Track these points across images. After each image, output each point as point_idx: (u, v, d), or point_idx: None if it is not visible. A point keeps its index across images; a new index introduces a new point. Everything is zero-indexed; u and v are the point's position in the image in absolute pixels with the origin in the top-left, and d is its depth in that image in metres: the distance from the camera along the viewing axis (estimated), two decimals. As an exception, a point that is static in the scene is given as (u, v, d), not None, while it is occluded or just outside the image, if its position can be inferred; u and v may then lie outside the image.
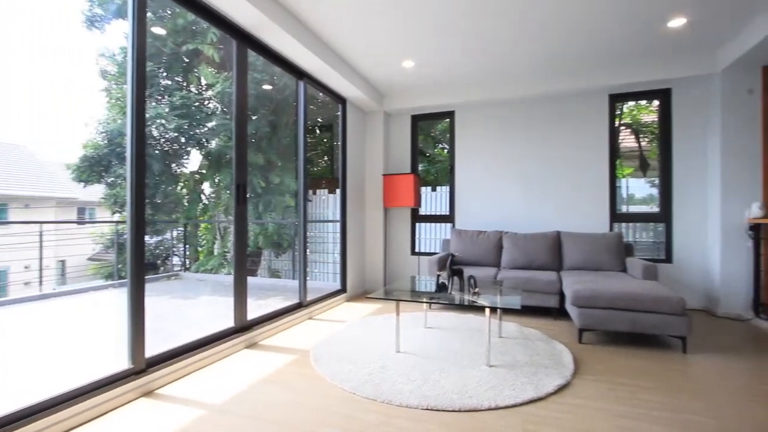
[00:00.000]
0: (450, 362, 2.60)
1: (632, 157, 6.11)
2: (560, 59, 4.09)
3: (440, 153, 6.82)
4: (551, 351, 2.82)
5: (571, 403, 2.08)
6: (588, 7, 3.08)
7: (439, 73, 4.47)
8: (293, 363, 2.67)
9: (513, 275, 3.88)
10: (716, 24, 3.36)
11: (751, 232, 3.78)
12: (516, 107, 4.91)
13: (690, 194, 4.27)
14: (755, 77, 3.81)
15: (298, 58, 3.59)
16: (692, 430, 1.82)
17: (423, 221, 5.50)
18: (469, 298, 2.75)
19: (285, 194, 7.30)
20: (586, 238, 4.16)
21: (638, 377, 2.42)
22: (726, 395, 2.19)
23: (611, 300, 2.96)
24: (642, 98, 4.67)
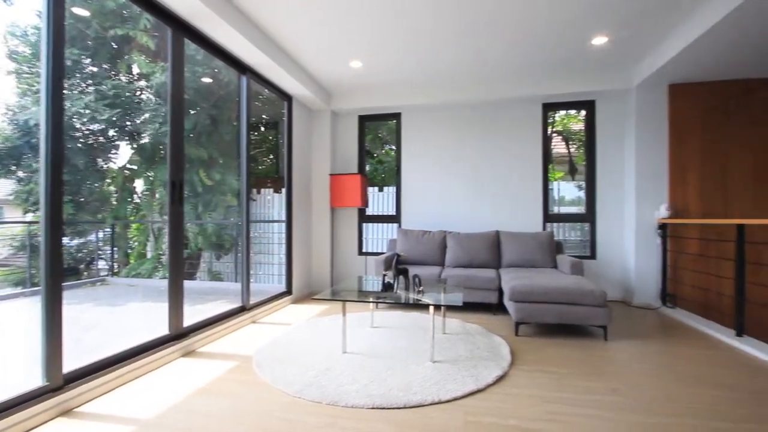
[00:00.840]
0: (396, 360, 2.64)
1: (563, 162, 6.64)
2: (499, 69, 4.32)
3: (388, 154, 6.91)
4: (491, 344, 2.97)
5: (508, 393, 2.21)
6: (522, 22, 3.29)
7: (386, 74, 4.53)
8: (234, 370, 2.56)
9: (456, 273, 4.03)
10: (632, 44, 3.74)
11: (660, 230, 4.26)
12: (459, 111, 5.10)
13: (611, 197, 4.71)
14: (663, 94, 4.30)
15: (241, 52, 3.45)
16: (611, 409, 2.01)
17: (370, 221, 5.53)
18: (414, 297, 2.82)
19: (227, 193, 6.97)
20: (521, 237, 4.43)
21: (566, 364, 2.63)
22: (640, 376, 2.45)
23: (544, 294, 3.19)
24: (571, 108, 5.08)
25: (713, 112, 4.20)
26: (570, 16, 3.23)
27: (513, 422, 1.89)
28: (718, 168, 4.19)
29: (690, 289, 4.15)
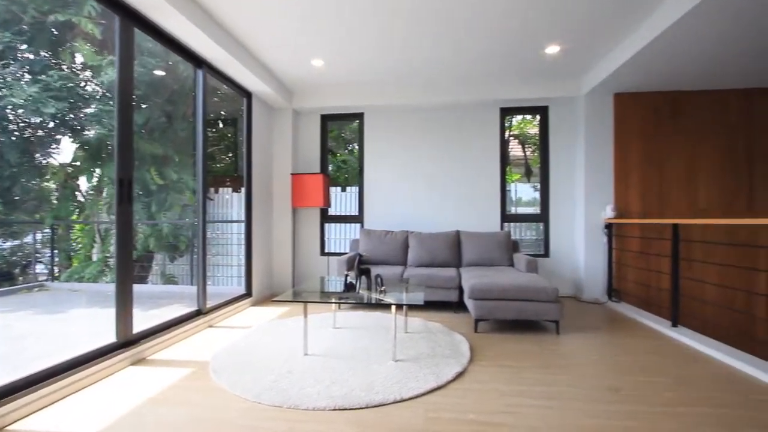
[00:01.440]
0: (358, 360, 2.65)
1: (519, 164, 6.93)
2: (458, 73, 4.44)
3: (352, 154, 6.89)
4: (451, 342, 3.04)
5: (467, 388, 2.28)
6: (480, 30, 3.40)
7: (348, 74, 4.52)
8: (189, 377, 2.45)
9: (418, 273, 4.10)
10: (581, 55, 3.97)
11: (606, 230, 4.56)
12: (421, 113, 5.19)
13: (563, 198, 4.97)
14: (609, 102, 4.60)
15: (196, 45, 3.32)
16: (562, 399, 2.13)
17: (332, 221, 5.50)
18: (376, 297, 2.84)
19: (183, 191, 6.66)
20: (481, 236, 4.57)
21: (521, 359, 2.74)
22: (587, 367, 2.61)
23: (501, 292, 3.31)
24: (527, 113, 5.31)
25: (651, 120, 4.55)
26: (525, 26, 3.37)
27: (472, 416, 1.95)
28: (655, 172, 4.54)
29: (633, 284, 4.47)
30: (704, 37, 3.21)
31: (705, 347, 2.89)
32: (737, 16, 2.89)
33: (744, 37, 3.22)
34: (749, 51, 3.49)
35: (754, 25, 3.03)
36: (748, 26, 3.04)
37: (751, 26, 3.04)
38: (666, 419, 1.92)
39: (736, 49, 3.44)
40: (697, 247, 4.30)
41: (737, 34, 3.17)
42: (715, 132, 4.47)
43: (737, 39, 3.25)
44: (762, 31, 3.11)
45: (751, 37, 3.23)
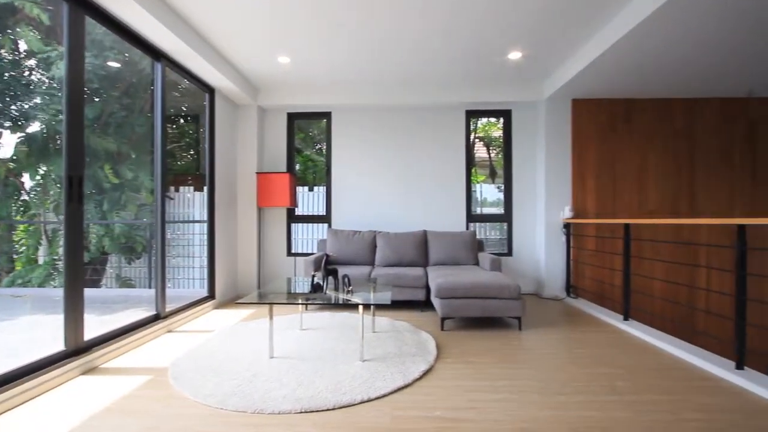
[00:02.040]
0: (325, 361, 2.63)
1: (484, 166, 7.12)
2: (426, 76, 4.50)
3: (320, 153, 6.82)
4: (418, 340, 3.08)
5: (433, 385, 2.32)
6: (446, 34, 3.47)
7: (315, 73, 4.47)
8: (147, 385, 2.34)
9: (385, 272, 4.12)
10: (542, 61, 4.14)
11: (564, 229, 4.77)
12: (389, 114, 5.22)
13: (525, 198, 5.16)
14: (567, 107, 4.82)
15: (154, 36, 3.17)
16: (523, 392, 2.21)
17: (299, 221, 5.42)
18: (344, 297, 2.83)
19: (140, 190, 6.33)
20: (447, 236, 4.66)
21: (485, 355, 2.82)
22: (546, 360, 2.72)
23: (466, 290, 3.39)
24: (491, 116, 5.46)
25: (605, 125, 4.81)
26: (489, 32, 3.47)
27: (438, 413, 1.99)
28: (609, 174, 4.81)
29: (589, 281, 4.71)
30: (651, 50, 3.44)
31: (653, 339, 3.09)
32: (681, 32, 3.12)
33: (687, 51, 3.47)
34: (692, 64, 3.77)
35: (697, 40, 3.27)
36: (691, 41, 3.28)
37: (693, 41, 3.28)
38: (618, 407, 2.04)
39: (680, 62, 3.71)
40: (647, 246, 4.59)
41: (681, 49, 3.42)
42: (662, 138, 4.79)
43: (681, 53, 3.50)
44: (703, 45, 3.37)
45: (693, 52, 3.49)
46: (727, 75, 4.07)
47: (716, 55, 3.60)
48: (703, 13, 2.84)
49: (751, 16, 2.90)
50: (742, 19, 2.95)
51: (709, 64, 3.80)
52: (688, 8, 2.78)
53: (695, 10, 2.81)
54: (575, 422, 1.90)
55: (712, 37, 3.24)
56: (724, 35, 3.20)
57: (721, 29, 3.10)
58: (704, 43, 3.34)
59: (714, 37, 3.24)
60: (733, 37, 3.24)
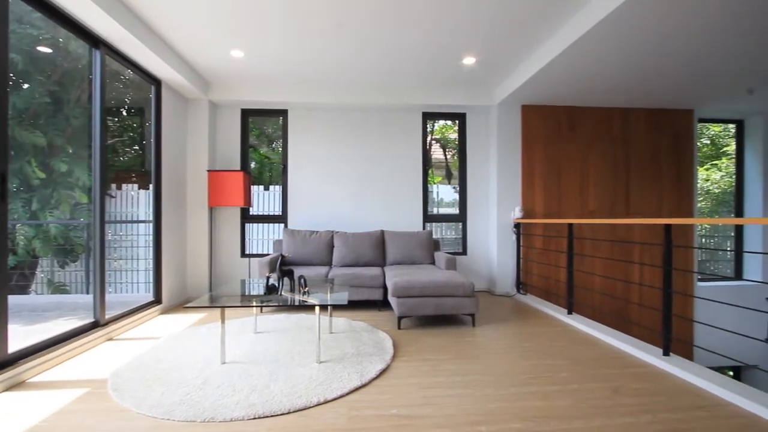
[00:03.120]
0: (280, 365, 2.57)
1: (441, 167, 7.28)
2: (384, 76, 4.53)
3: (276, 152, 6.64)
4: (375, 340, 3.10)
5: (390, 384, 2.34)
6: (403, 36, 3.52)
7: (271, 68, 4.36)
8: (83, 398, 2.17)
9: (343, 272, 4.10)
10: (494, 68, 4.31)
11: (515, 229, 5.00)
12: (347, 113, 5.20)
13: (478, 199, 5.35)
14: (517, 112, 5.05)
15: (91, 21, 2.93)
16: (476, 386, 2.29)
17: (254, 221, 5.26)
18: (300, 298, 2.78)
19: (74, 187, 5.83)
20: (404, 236, 4.73)
21: (440, 352, 2.90)
22: (498, 355, 2.84)
23: (422, 289, 3.46)
24: (447, 119, 5.61)
25: (552, 130, 5.10)
26: (445, 36, 3.56)
27: (394, 411, 2.01)
28: (555, 177, 5.10)
29: (537, 277, 4.97)
30: (590, 63, 3.69)
31: (593, 331, 3.33)
32: (617, 48, 3.37)
33: (623, 64, 3.76)
34: (626, 77, 4.09)
35: (633, 55, 3.55)
36: (627, 56, 3.56)
37: (629, 55, 3.56)
38: (562, 396, 2.18)
39: (618, 74, 4.01)
40: (588, 244, 4.93)
41: (616, 63, 3.70)
42: (601, 143, 5.16)
43: (618, 66, 3.79)
44: (635, 61, 3.66)
45: (628, 65, 3.79)
46: (656, 89, 4.46)
47: (647, 70, 3.93)
48: (633, 33, 3.10)
49: (674, 39, 3.20)
50: (667, 41, 3.25)
51: (642, 78, 4.14)
52: (618, 29, 3.01)
53: (626, 31, 3.06)
54: (523, 412, 2.00)
55: (642, 54, 3.53)
56: (652, 53, 3.51)
57: (650, 48, 3.39)
58: (636, 59, 3.64)
59: (643, 55, 3.54)
60: (660, 55, 3.55)
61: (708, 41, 3.29)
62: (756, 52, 3.51)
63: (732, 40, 3.28)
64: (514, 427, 1.86)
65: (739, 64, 3.81)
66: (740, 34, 3.18)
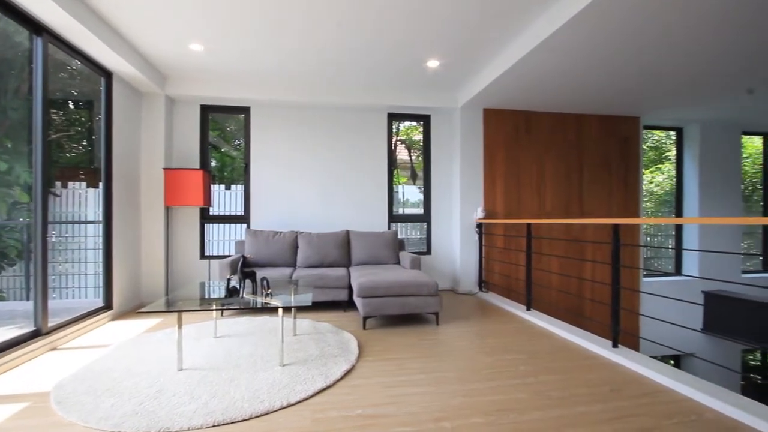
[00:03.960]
0: (242, 370, 2.50)
1: (406, 167, 7.35)
2: (349, 76, 4.52)
3: (238, 150, 6.44)
4: (340, 340, 3.08)
5: (354, 384, 2.34)
6: (369, 38, 3.53)
7: (233, 64, 4.22)
8: (22, 414, 2.01)
9: (307, 273, 4.05)
10: (457, 71, 4.41)
11: (477, 229, 5.15)
12: (312, 112, 5.14)
13: (443, 199, 5.46)
14: (479, 116, 5.20)
15: (32, 6, 2.72)
16: (439, 383, 2.34)
17: (215, 222, 5.08)
18: (262, 300, 2.72)
19: (14, 186, 5.37)
20: (369, 236, 4.74)
21: (405, 351, 2.93)
22: (460, 352, 2.91)
23: (387, 289, 3.48)
24: (412, 120, 5.67)
25: (511, 133, 5.29)
26: (409, 39, 3.61)
27: (358, 411, 2.01)
28: (515, 178, 5.30)
29: (498, 276, 5.13)
30: (546, 71, 3.87)
31: (549, 326, 3.48)
32: (570, 58, 3.55)
33: (576, 73, 3.96)
34: (581, 84, 4.31)
35: (583, 63, 3.75)
36: (580, 65, 3.76)
37: (580, 63, 3.76)
38: (520, 389, 2.27)
39: (572, 81, 4.22)
40: (545, 243, 5.15)
41: (571, 71, 3.89)
42: (557, 147, 5.41)
43: (572, 74, 3.99)
44: (591, 69, 3.87)
45: (582, 74, 3.99)
46: (606, 97, 4.74)
47: (599, 79, 4.16)
48: (586, 44, 3.28)
49: (624, 52, 3.42)
50: (617, 53, 3.46)
51: (594, 86, 4.38)
52: (571, 42, 3.18)
53: (578, 43, 3.23)
54: (485, 407, 2.06)
55: (594, 65, 3.74)
56: (603, 64, 3.72)
57: (601, 59, 3.60)
58: (588, 69, 3.85)
59: (596, 65, 3.75)
60: (611, 66, 3.78)
61: (652, 56, 3.54)
62: (695, 71, 3.81)
63: (675, 55, 3.54)
64: (476, 422, 1.91)
65: (681, 77, 4.12)
66: (682, 52, 3.44)
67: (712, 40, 3.28)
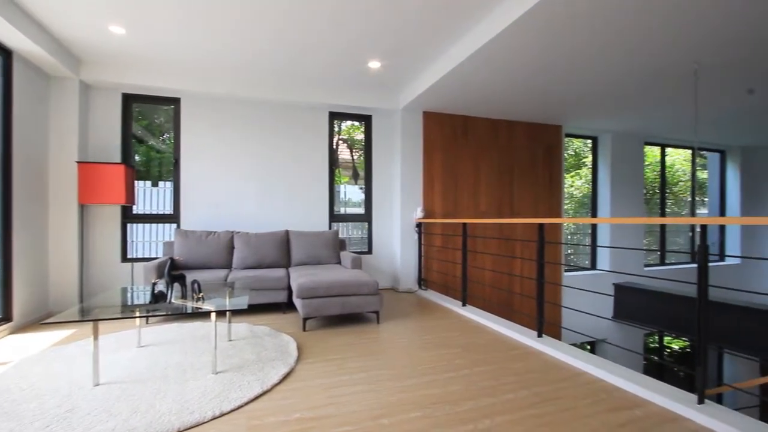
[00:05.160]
0: (170, 380, 2.33)
1: (348, 167, 7.33)
2: (290, 72, 4.41)
3: (168, 143, 5.97)
4: (279, 344, 3.00)
5: (293, 388, 2.29)
6: (309, 32, 3.47)
7: (161, 51, 3.92)
8: None
9: (244, 275, 3.89)
10: (397, 74, 4.50)
11: (417, 228, 5.29)
12: (250, 107, 4.93)
13: (384, 199, 5.53)
14: (419, 118, 5.34)
15: None
16: (379, 381, 2.37)
17: (139, 221, 4.68)
18: (193, 305, 2.56)
19: None
20: (310, 236, 4.66)
21: (346, 351, 2.93)
22: (400, 349, 2.98)
23: (327, 289, 3.45)
24: (353, 119, 5.67)
25: (449, 136, 5.52)
26: (350, 38, 3.61)
27: (297, 415, 1.98)
28: (452, 180, 5.53)
29: (436, 274, 5.32)
30: (481, 78, 4.09)
31: (483, 320, 3.69)
32: (500, 68, 3.79)
33: (505, 83, 4.23)
34: (510, 93, 4.61)
35: (512, 75, 4.02)
36: (508, 75, 4.02)
37: (509, 75, 4.02)
38: (455, 382, 2.37)
39: (502, 91, 4.50)
40: (480, 241, 5.44)
41: (504, 80, 4.15)
42: (490, 151, 5.74)
43: (504, 83, 4.26)
44: (517, 80, 4.16)
45: (510, 84, 4.28)
46: (533, 106, 5.12)
47: (527, 89, 4.48)
48: (514, 56, 3.52)
49: (549, 66, 3.72)
50: (544, 67, 3.76)
51: (523, 96, 4.71)
52: (502, 53, 3.40)
53: (508, 53, 3.46)
54: (422, 401, 2.13)
55: (523, 76, 4.03)
56: (532, 75, 4.02)
57: (531, 71, 3.89)
58: (517, 79, 4.14)
59: (524, 77, 4.04)
60: (537, 78, 4.09)
61: (570, 74, 3.89)
62: (604, 89, 4.25)
63: (586, 74, 3.92)
64: (414, 416, 1.97)
65: (594, 93, 4.58)
66: (592, 71, 3.83)
67: (616, 63, 3.69)
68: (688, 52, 3.52)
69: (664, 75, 4.05)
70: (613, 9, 2.81)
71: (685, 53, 3.54)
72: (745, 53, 3.51)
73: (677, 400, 2.04)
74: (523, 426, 1.89)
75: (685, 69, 3.86)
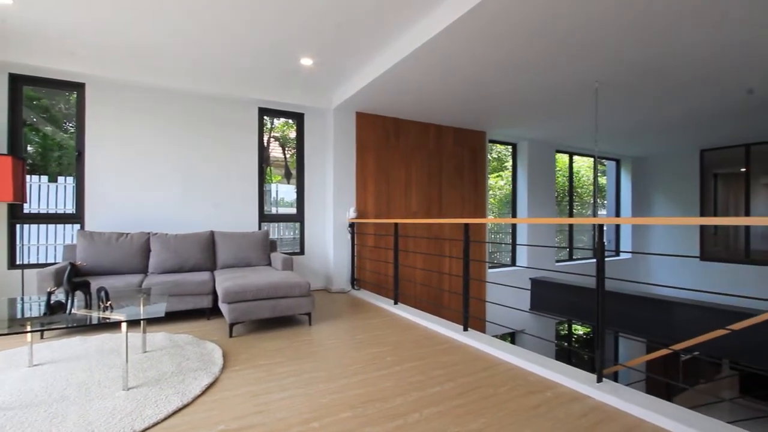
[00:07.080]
0: (70, 402, 2.07)
1: (280, 165, 7.10)
2: (217, 63, 4.14)
3: (69, 134, 5.27)
4: (202, 352, 2.81)
5: (218, 398, 2.16)
6: (239, 21, 3.30)
7: (59, 27, 3.45)
8: None
9: (162, 280, 3.58)
10: (330, 73, 4.46)
11: (350, 228, 5.30)
12: (170, 98, 4.55)
13: (316, 199, 5.45)
14: (352, 118, 5.35)
15: None
16: (309, 384, 2.33)
17: (32, 221, 4.09)
18: (99, 315, 2.30)
19: None
20: (237, 237, 4.43)
21: (275, 355, 2.84)
22: (333, 350, 2.96)
23: (256, 292, 3.31)
24: (285, 117, 5.51)
25: (382, 137, 5.61)
26: (282, 34, 3.50)
27: (221, 427, 1.87)
28: (384, 180, 5.63)
29: (369, 273, 5.37)
30: (410, 85, 4.22)
31: (414, 317, 3.80)
32: (428, 75, 3.95)
33: (433, 89, 4.42)
34: (438, 99, 4.82)
35: (439, 83, 4.21)
36: (435, 84, 4.20)
37: (436, 83, 4.21)
38: (386, 379, 2.42)
39: (430, 97, 4.69)
40: (411, 241, 5.60)
41: (429, 88, 4.33)
42: (421, 153, 5.94)
43: (432, 88, 4.44)
44: (446, 86, 4.36)
45: (438, 90, 4.47)
46: (459, 112, 5.41)
47: (453, 96, 4.72)
48: (443, 63, 3.69)
49: (465, 82, 3.96)
50: (470, 76, 3.99)
51: (449, 101, 4.95)
52: (431, 59, 3.55)
53: (438, 59, 3.62)
54: (352, 400, 2.14)
55: (450, 83, 4.23)
56: (461, 83, 4.24)
57: (460, 78, 4.10)
58: (444, 86, 4.34)
59: (451, 84, 4.25)
60: (463, 85, 4.33)
61: (488, 86, 4.18)
62: (519, 100, 4.63)
63: (501, 88, 4.24)
64: (344, 417, 1.97)
65: (510, 105, 4.97)
66: (507, 84, 4.15)
67: (530, 79, 4.05)
68: (590, 72, 3.98)
69: (570, 91, 4.52)
70: (530, 29, 3.07)
71: (588, 73, 3.99)
72: (638, 74, 4.05)
73: (581, 381, 2.30)
74: (449, 416, 1.99)
75: (588, 86, 4.34)
